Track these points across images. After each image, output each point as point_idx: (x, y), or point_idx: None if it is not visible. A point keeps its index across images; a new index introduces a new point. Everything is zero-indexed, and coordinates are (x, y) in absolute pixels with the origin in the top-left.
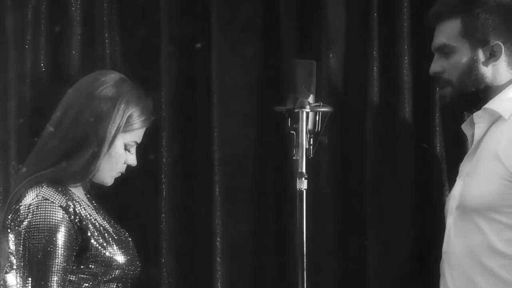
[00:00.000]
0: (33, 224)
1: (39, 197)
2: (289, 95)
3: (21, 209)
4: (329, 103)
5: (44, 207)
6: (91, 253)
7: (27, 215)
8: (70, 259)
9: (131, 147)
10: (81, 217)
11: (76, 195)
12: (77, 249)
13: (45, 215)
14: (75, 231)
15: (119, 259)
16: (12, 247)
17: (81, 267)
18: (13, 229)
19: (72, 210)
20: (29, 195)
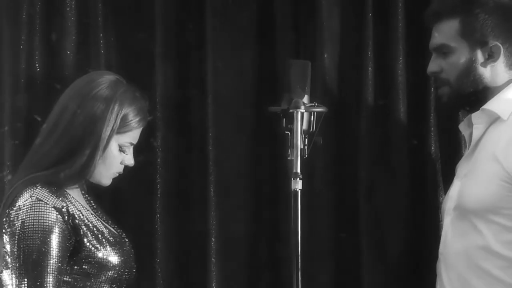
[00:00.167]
0: (27, 225)
1: (32, 198)
2: (283, 95)
3: (15, 210)
4: (323, 103)
5: (37, 208)
6: (84, 254)
7: (21, 216)
8: (64, 260)
9: (126, 148)
10: (74, 218)
11: (71, 196)
12: (71, 249)
13: (39, 216)
14: (68, 231)
15: (112, 260)
16: (7, 247)
17: (75, 268)
18: (8, 230)
19: (65, 210)
20: (23, 196)
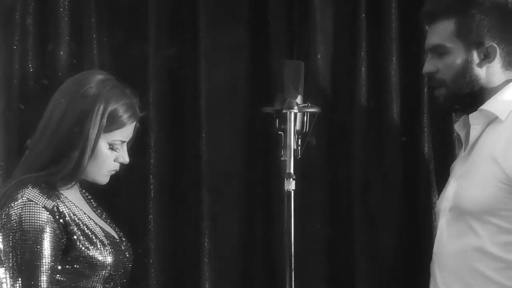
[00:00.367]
0: (19, 225)
1: (23, 198)
2: (277, 95)
3: (7, 211)
4: (317, 103)
5: (28, 208)
6: (76, 253)
7: (13, 217)
8: (57, 259)
9: (118, 146)
10: (65, 218)
11: (63, 196)
12: (62, 248)
13: (30, 216)
14: (60, 231)
15: (104, 260)
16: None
17: (67, 267)
18: (1, 230)
19: (56, 210)
20: (15, 197)
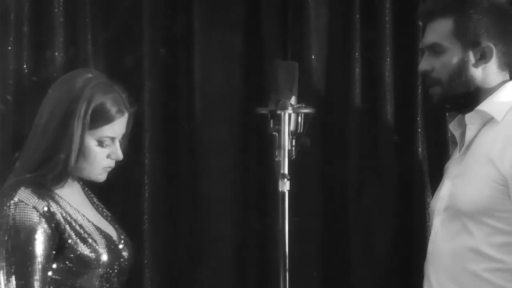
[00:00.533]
0: (11, 226)
1: (15, 199)
2: (271, 96)
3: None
4: (311, 104)
5: (20, 209)
6: (69, 252)
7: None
8: (49, 258)
9: (108, 142)
10: (57, 217)
11: (58, 196)
12: (55, 247)
13: (21, 217)
14: (51, 230)
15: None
16: None
17: (61, 266)
18: None
19: (46, 210)
20: (9, 199)
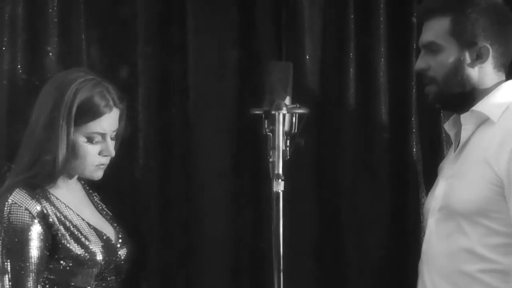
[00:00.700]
0: (5, 228)
1: (9, 201)
2: (265, 97)
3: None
4: (305, 105)
5: (13, 211)
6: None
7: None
8: (42, 259)
9: (98, 138)
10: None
11: (54, 196)
12: (49, 248)
13: (14, 218)
14: (44, 231)
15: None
16: None
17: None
18: None
19: (39, 210)
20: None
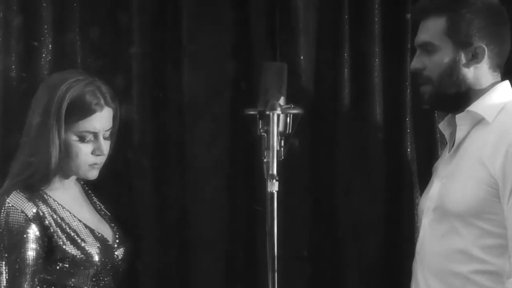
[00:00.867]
0: (2, 230)
1: (6, 204)
2: (260, 97)
3: None
4: (300, 105)
5: (10, 213)
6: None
7: None
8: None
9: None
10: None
11: (49, 196)
12: (45, 250)
13: (10, 221)
14: (40, 232)
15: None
16: None
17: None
18: None
19: (35, 213)
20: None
